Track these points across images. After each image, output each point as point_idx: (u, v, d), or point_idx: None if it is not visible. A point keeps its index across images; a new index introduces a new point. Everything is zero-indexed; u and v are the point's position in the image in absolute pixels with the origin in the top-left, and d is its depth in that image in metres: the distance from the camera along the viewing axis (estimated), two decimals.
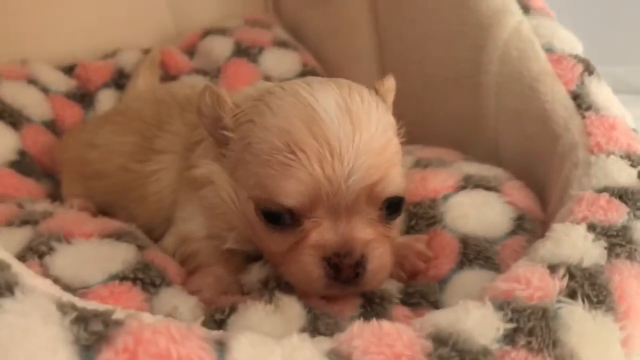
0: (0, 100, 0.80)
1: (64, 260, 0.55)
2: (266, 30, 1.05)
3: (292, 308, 0.54)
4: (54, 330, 0.36)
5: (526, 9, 0.76)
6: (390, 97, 0.65)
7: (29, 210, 0.64)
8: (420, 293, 0.60)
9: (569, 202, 0.58)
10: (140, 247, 0.60)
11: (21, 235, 0.58)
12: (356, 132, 0.53)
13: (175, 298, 0.55)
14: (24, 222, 0.61)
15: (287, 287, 0.56)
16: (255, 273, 0.60)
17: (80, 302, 0.39)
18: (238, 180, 0.56)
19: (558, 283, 0.46)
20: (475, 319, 0.43)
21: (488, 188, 0.69)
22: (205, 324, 0.53)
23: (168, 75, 0.97)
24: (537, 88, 0.72)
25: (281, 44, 1.02)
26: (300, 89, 0.55)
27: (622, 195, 0.57)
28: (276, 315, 0.53)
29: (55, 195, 0.77)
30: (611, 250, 0.50)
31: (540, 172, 0.74)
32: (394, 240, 0.60)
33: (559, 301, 0.45)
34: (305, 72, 1.00)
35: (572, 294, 0.46)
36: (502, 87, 0.78)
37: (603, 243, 0.51)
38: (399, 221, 0.62)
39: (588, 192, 0.58)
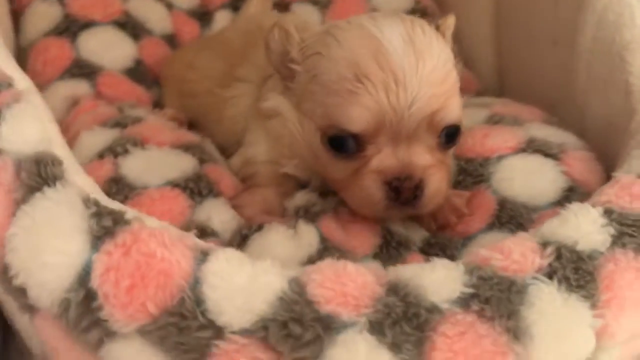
0: (127, 13, 0.90)
1: (134, 162, 0.65)
2: None
3: (308, 236, 0.60)
4: (75, 219, 0.46)
5: None
6: (449, 34, 0.67)
7: (126, 114, 0.75)
8: (441, 245, 0.63)
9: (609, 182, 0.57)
10: (202, 161, 0.68)
11: (108, 135, 0.69)
12: (419, 62, 0.57)
13: (215, 208, 0.63)
14: (116, 124, 0.71)
15: (314, 216, 0.62)
16: (296, 199, 0.66)
17: (104, 201, 0.48)
18: (304, 112, 0.62)
19: (538, 261, 0.47)
20: (436, 277, 0.46)
21: (548, 154, 0.68)
22: (233, 236, 0.61)
23: (282, 1, 1.03)
24: (624, 57, 0.68)
25: None
26: (366, 22, 0.59)
27: None
28: (292, 240, 0.59)
29: (161, 103, 0.88)
30: (618, 238, 0.49)
31: (616, 148, 0.71)
32: (450, 167, 0.64)
33: (534, 277, 0.46)
34: (417, 9, 1.00)
35: (550, 274, 0.47)
36: (594, 52, 0.73)
37: (611, 230, 0.50)
38: (453, 151, 0.66)
39: (629, 176, 0.56)
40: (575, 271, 0.47)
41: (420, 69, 0.56)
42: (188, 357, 0.42)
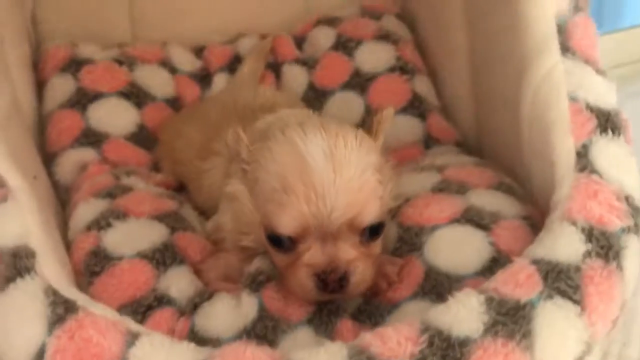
0: (132, 83, 1.03)
1: (114, 235, 0.76)
2: (374, 20, 1.12)
3: (248, 306, 0.69)
4: (37, 306, 0.58)
5: (565, 48, 0.75)
6: (383, 127, 0.76)
7: (119, 183, 0.87)
8: (368, 313, 0.72)
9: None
10: (174, 229, 0.79)
11: (97, 207, 0.81)
12: (337, 175, 0.67)
13: (176, 277, 0.74)
14: (107, 195, 0.84)
15: (259, 285, 0.72)
16: (253, 265, 0.77)
17: (63, 291, 0.60)
18: (255, 205, 0.72)
19: (410, 348, 0.55)
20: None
21: (479, 225, 0.75)
22: (187, 303, 0.72)
23: (276, 62, 1.12)
24: (549, 137, 0.74)
25: (381, 37, 1.09)
26: (296, 137, 0.69)
27: (549, 271, 0.61)
28: (234, 310, 0.69)
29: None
30: (491, 327, 0.56)
31: None
32: (376, 257, 0.72)
33: None
34: (397, 66, 1.07)
35: None
36: (531, 123, 0.79)
37: (485, 318, 0.57)
38: (379, 241, 0.73)
39: (522, 262, 0.63)
40: (442, 357, 0.55)
41: (338, 181, 0.66)
42: None
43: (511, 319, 0.57)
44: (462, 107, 1.07)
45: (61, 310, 0.57)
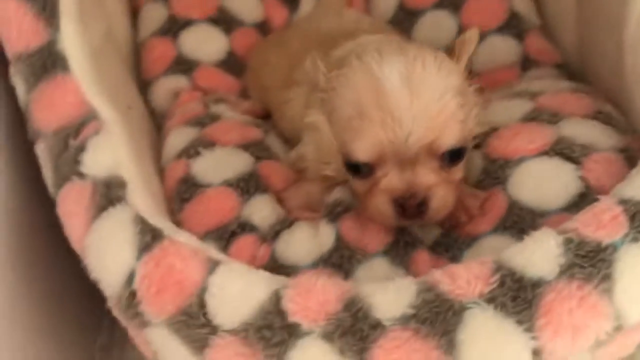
0: (221, 9, 1.03)
1: (202, 163, 0.80)
2: None
3: (326, 235, 0.71)
4: (127, 234, 0.62)
5: None
6: (467, 50, 0.72)
7: (209, 112, 0.90)
8: (446, 245, 0.72)
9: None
10: (258, 158, 0.81)
11: (188, 136, 0.84)
12: (414, 99, 0.65)
13: (259, 205, 0.76)
14: (197, 123, 0.87)
15: (337, 216, 0.73)
16: (333, 196, 0.78)
17: (151, 219, 0.64)
18: (334, 134, 0.72)
19: (480, 287, 0.55)
20: (387, 297, 0.56)
21: (569, 158, 0.72)
22: (269, 230, 0.75)
23: None
24: None
25: None
26: (372, 62, 0.67)
27: (636, 213, 0.57)
28: (312, 239, 0.72)
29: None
30: (567, 269, 0.55)
31: None
32: (457, 183, 0.71)
33: (474, 302, 0.54)
34: None
35: (490, 300, 0.54)
36: (637, 49, 0.73)
37: (562, 260, 0.55)
38: (461, 167, 0.71)
39: (608, 201, 0.59)
40: (513, 299, 0.54)
41: (415, 105, 0.64)
42: (193, 346, 0.57)
43: (590, 262, 0.55)
44: (566, 26, 0.99)
45: (148, 238, 0.61)
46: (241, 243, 0.72)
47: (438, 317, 0.54)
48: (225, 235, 0.73)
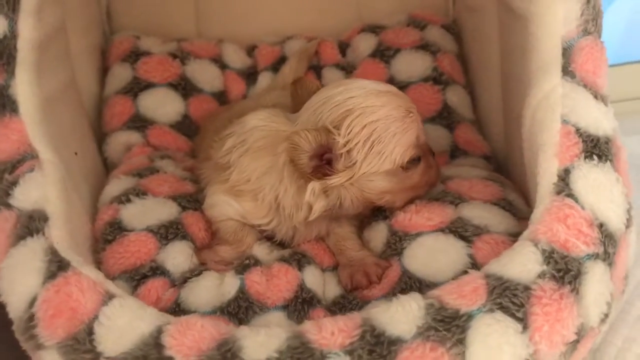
0: (183, 76, 1.12)
1: (132, 209, 0.86)
2: (417, 30, 1.15)
3: (230, 285, 0.77)
4: (37, 263, 0.67)
5: (566, 71, 0.75)
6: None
7: (151, 166, 0.97)
8: (340, 306, 0.77)
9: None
10: (184, 208, 0.87)
11: (124, 184, 0.91)
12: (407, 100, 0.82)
13: (174, 252, 0.82)
14: (136, 175, 0.93)
15: (245, 268, 0.79)
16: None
17: (62, 251, 0.68)
18: (369, 174, 0.79)
19: (342, 339, 0.60)
20: (257, 339, 0.60)
21: (462, 236, 0.78)
22: (179, 277, 0.80)
23: (318, 65, 1.18)
24: (537, 158, 0.75)
25: (421, 47, 1.12)
26: (361, 89, 0.80)
27: (496, 287, 0.63)
28: (217, 288, 0.77)
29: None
30: (425, 331, 0.60)
31: None
32: None
33: (334, 353, 0.59)
34: (431, 76, 1.10)
35: (349, 352, 0.59)
36: (529, 144, 0.80)
37: (420, 322, 0.60)
38: None
39: (474, 275, 0.65)
40: (369, 352, 0.59)
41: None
42: None
43: (445, 326, 0.60)
44: (493, 121, 1.08)
45: (54, 268, 0.67)
46: (150, 285, 0.77)
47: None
48: (137, 277, 0.78)
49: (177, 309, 0.75)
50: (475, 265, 0.75)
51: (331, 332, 0.61)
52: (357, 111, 0.77)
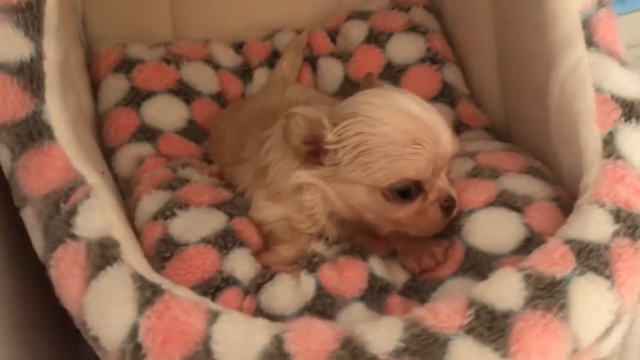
0: (180, 81, 1.10)
1: (179, 223, 0.84)
2: (403, 13, 1.18)
3: (307, 284, 0.77)
4: (127, 291, 0.65)
5: (590, 42, 0.81)
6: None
7: (177, 175, 0.94)
8: (415, 289, 0.79)
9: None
10: (231, 215, 0.86)
11: (160, 199, 0.88)
12: (435, 117, 0.79)
13: (239, 259, 0.81)
14: (168, 187, 0.91)
15: (315, 266, 0.80)
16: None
17: (148, 275, 0.67)
18: (349, 179, 0.78)
19: (459, 320, 0.63)
20: (379, 333, 0.62)
21: (513, 207, 0.82)
22: (251, 284, 0.80)
23: (311, 56, 1.19)
24: (577, 125, 0.80)
25: (411, 29, 1.15)
26: (385, 101, 0.78)
27: (580, 250, 0.68)
28: (294, 289, 0.77)
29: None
30: (531, 300, 0.64)
31: None
32: None
33: (455, 334, 0.62)
34: (427, 56, 1.13)
35: (469, 331, 0.62)
36: (560, 114, 0.85)
37: (525, 293, 0.64)
38: None
39: (555, 242, 0.69)
40: (488, 329, 0.62)
41: (439, 121, 0.78)
42: None
43: (548, 293, 0.64)
44: (490, 94, 1.13)
45: (149, 294, 0.65)
46: (226, 296, 0.76)
47: (426, 349, 0.61)
48: (211, 290, 0.77)
49: (261, 316, 0.74)
50: (533, 232, 0.79)
51: (447, 316, 0.63)
52: (360, 117, 0.77)
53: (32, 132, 0.75)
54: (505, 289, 0.65)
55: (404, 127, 0.75)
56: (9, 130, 0.75)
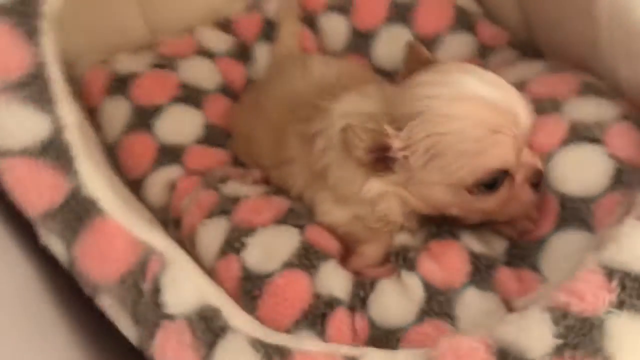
0: (184, 85, 0.99)
1: (253, 252, 0.77)
2: None
3: (413, 286, 0.73)
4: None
5: None
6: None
7: (223, 196, 0.86)
8: (521, 255, 0.76)
9: None
10: (301, 227, 0.80)
11: (219, 228, 0.81)
12: (506, 92, 0.71)
13: (330, 276, 0.76)
14: (221, 212, 0.84)
15: (412, 262, 0.75)
16: (396, 245, 0.79)
17: (266, 338, 0.62)
18: (427, 182, 0.72)
19: (608, 296, 0.59)
20: (532, 336, 0.59)
21: (592, 140, 0.77)
22: (353, 299, 0.75)
23: (306, 16, 1.08)
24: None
25: None
26: (450, 90, 0.70)
27: None
28: (402, 295, 0.73)
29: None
30: None
31: None
32: None
33: (607, 312, 0.59)
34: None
35: (619, 305, 0.59)
36: (613, 27, 0.79)
37: None
38: None
39: None
40: (639, 297, 0.59)
41: (511, 96, 0.70)
42: None
43: None
44: (506, 11, 1.05)
45: (278, 358, 0.60)
46: (336, 322, 0.72)
47: (586, 339, 0.57)
48: (318, 320, 0.72)
49: (379, 333, 0.71)
50: (622, 162, 0.75)
51: (592, 294, 0.60)
52: (426, 116, 0.69)
53: (79, 213, 0.67)
54: (637, 248, 0.61)
55: (477, 118, 0.67)
56: (53, 218, 0.67)
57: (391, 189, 0.74)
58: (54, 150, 0.66)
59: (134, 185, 0.94)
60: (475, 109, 0.68)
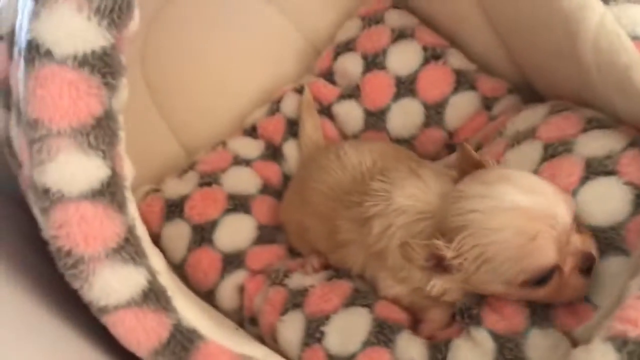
0: (231, 196, 1.09)
1: (333, 339, 0.87)
2: (380, 25, 1.19)
3: (483, 341, 0.81)
4: None
5: (606, 1, 0.84)
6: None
7: (291, 290, 0.96)
8: None
9: None
10: (369, 306, 0.90)
11: (297, 323, 0.91)
12: (542, 196, 0.77)
13: (407, 345, 0.85)
14: (293, 306, 0.93)
15: (477, 317, 0.84)
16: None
17: None
18: (481, 282, 0.80)
19: None
20: None
21: (607, 173, 0.86)
22: None
23: (322, 108, 1.19)
24: (629, 78, 0.83)
25: (398, 36, 1.16)
26: (491, 203, 0.77)
27: None
28: (475, 351, 0.81)
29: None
30: None
31: None
32: None
33: None
34: (427, 56, 1.15)
35: None
36: (602, 69, 0.88)
37: None
38: None
39: None
40: None
41: (550, 197, 0.77)
42: None
43: None
44: (496, 62, 1.15)
45: None
46: None
47: None
48: None
49: None
50: (637, 187, 0.83)
51: None
52: (471, 229, 0.77)
53: (183, 344, 0.76)
54: None
55: (517, 228, 0.75)
56: (163, 353, 0.76)
57: (452, 286, 0.82)
58: (153, 295, 0.75)
59: (205, 297, 1.04)
60: (513, 219, 0.75)
